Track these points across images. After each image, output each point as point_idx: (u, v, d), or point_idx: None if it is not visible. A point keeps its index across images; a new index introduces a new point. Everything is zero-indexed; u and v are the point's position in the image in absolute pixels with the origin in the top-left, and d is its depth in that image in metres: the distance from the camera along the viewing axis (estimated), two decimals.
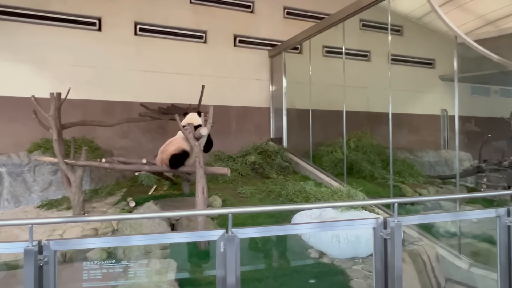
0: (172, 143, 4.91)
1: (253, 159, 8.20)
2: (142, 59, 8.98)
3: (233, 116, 9.95)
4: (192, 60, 9.46)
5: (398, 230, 2.66)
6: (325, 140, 9.37)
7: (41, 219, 3.33)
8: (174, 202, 6.03)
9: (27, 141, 7.11)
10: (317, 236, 4.63)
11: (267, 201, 6.26)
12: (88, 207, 5.91)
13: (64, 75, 8.17)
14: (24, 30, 7.96)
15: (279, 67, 10.02)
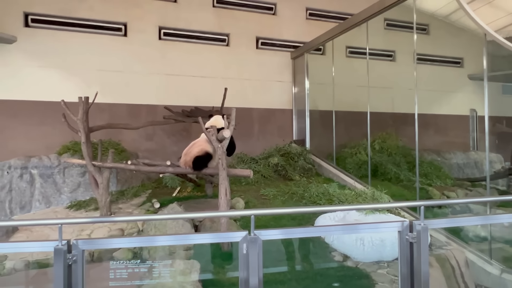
0: (195, 145, 4.97)
1: (276, 161, 8.20)
2: (166, 63, 9.14)
3: (256, 118, 9.98)
4: (215, 63, 9.56)
5: (424, 234, 2.60)
6: (349, 142, 9.27)
7: (70, 219, 3.44)
8: (198, 204, 6.10)
9: (57, 144, 7.36)
10: (341, 239, 4.57)
11: (290, 203, 6.25)
12: (115, 208, 6.06)
13: (91, 80, 8.43)
14: (54, 36, 8.26)
15: (301, 69, 9.99)
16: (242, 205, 5.98)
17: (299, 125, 10.20)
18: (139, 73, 8.88)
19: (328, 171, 8.31)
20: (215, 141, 4.48)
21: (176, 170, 5.08)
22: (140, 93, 8.86)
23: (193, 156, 4.84)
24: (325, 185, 6.79)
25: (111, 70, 8.64)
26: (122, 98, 8.71)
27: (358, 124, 8.34)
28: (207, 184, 6.59)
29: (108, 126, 6.67)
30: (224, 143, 4.46)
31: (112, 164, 5.56)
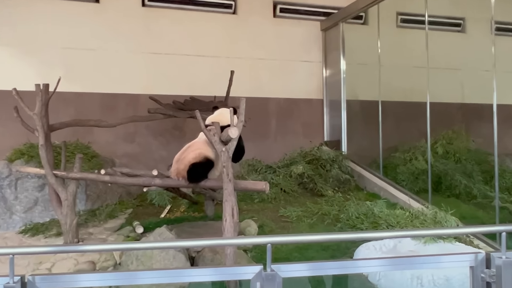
0: (191, 149, 4.98)
1: (301, 170, 8.16)
2: (152, 38, 9.22)
3: (273, 112, 9.98)
4: (218, 37, 9.60)
5: (508, 271, 2.56)
6: (401, 144, 9.18)
7: (25, 248, 3.48)
8: (194, 228, 6.08)
9: (7, 147, 7.42)
10: (391, 276, 4.52)
11: (320, 228, 6.21)
12: (84, 233, 6.11)
13: (52, 61, 8.54)
14: (1, 2, 8.41)
15: (335, 44, 9.94)
16: (255, 229, 5.96)
17: (332, 121, 10.15)
18: (117, 51, 8.98)
19: (373, 183, 8.24)
20: (218, 142, 4.48)
21: (166, 182, 5.10)
22: (117, 78, 8.95)
23: (188, 163, 4.84)
24: (369, 203, 6.72)
25: (79, 47, 8.75)
26: (94, 85, 8.81)
27: (414, 119, 8.22)
28: (207, 202, 6.58)
29: (75, 123, 6.73)
30: (230, 145, 4.46)
31: (80, 174, 5.61)
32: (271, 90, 9.89)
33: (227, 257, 4.28)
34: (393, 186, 7.89)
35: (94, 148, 7.87)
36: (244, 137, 4.94)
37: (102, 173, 5.40)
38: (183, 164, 4.87)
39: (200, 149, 4.92)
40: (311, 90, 10.22)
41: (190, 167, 4.82)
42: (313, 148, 8.96)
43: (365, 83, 9.42)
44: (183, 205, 7.24)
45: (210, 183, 4.92)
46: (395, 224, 5.83)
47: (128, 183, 5.34)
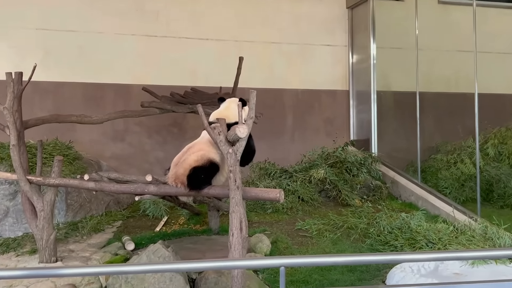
0: (192, 151, 4.94)
1: (322, 174, 8.10)
2: (146, 18, 9.21)
3: (290, 106, 9.93)
4: (224, 17, 9.58)
5: None
6: (443, 143, 9.14)
7: None
8: (196, 244, 6.05)
9: None
10: None
11: (345, 245, 6.17)
12: (63, 251, 6.09)
13: (27, 45, 8.55)
14: None
15: (364, 24, 9.89)
16: (267, 246, 5.91)
17: (359, 116, 10.10)
18: (103, 33, 8.97)
19: (409, 191, 8.17)
20: (224, 143, 4.44)
21: (162, 189, 5.06)
22: (104, 65, 8.95)
23: (188, 167, 4.80)
24: (404, 215, 6.66)
25: (58, 29, 8.75)
26: (76, 73, 8.81)
27: (459, 113, 8.16)
28: (211, 213, 6.55)
29: (54, 118, 6.72)
30: (238, 146, 4.41)
31: (59, 180, 5.59)
32: (287, 80, 9.84)
33: (234, 280, 4.24)
34: (433, 194, 7.80)
35: (76, 148, 7.86)
36: (255, 135, 4.89)
37: (86, 178, 5.37)
38: (182, 168, 4.82)
39: (203, 151, 4.88)
40: (334, 79, 10.16)
41: (191, 172, 4.78)
42: (337, 149, 8.88)
43: (399, 70, 9.35)
44: (182, 216, 7.22)
45: (214, 190, 4.88)
46: (436, 241, 5.73)
47: (117, 190, 5.30)
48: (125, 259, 5.69)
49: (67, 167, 7.03)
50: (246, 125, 4.35)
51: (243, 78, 7.61)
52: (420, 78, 8.69)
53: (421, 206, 7.65)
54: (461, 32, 7.80)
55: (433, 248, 5.63)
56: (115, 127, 8.82)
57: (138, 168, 8.66)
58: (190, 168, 4.78)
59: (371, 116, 9.72)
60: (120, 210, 7.75)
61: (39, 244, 5.65)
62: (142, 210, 7.47)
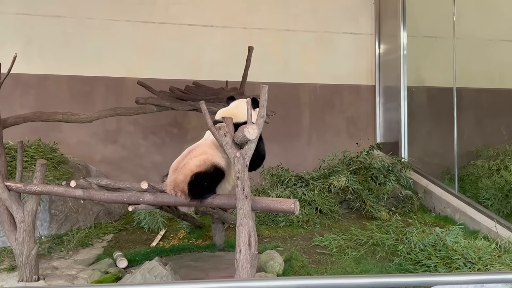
0: (193, 154, 4.95)
1: (344, 182, 8.08)
2: (142, 1, 9.23)
3: (306, 103, 9.94)
4: (231, 0, 9.61)
5: None
6: (484, 147, 9.08)
7: None
8: (198, 262, 6.04)
9: None
10: None
11: (370, 264, 6.13)
12: (46, 268, 6.09)
13: (6, 32, 8.60)
14: None
15: (392, 10, 9.90)
16: (280, 265, 5.88)
17: (387, 115, 10.09)
18: (93, 19, 9.01)
19: (444, 202, 8.13)
20: (230, 145, 4.44)
21: (159, 199, 5.07)
22: (94, 56, 8.99)
23: (189, 173, 4.81)
24: (439, 230, 6.62)
25: (41, 14, 8.80)
26: (62, 65, 8.85)
27: (503, 113, 8.10)
28: (215, 225, 6.55)
29: (36, 116, 6.75)
30: (246, 149, 4.41)
31: (42, 186, 5.61)
32: (304, 73, 9.85)
33: None
34: (473, 206, 7.74)
35: (61, 151, 7.90)
36: (266, 137, 4.89)
37: (73, 185, 5.39)
38: (182, 175, 4.82)
39: (206, 154, 4.88)
40: (358, 73, 10.17)
41: (192, 178, 4.77)
42: (361, 153, 8.85)
43: (434, 63, 9.32)
44: (182, 229, 7.22)
45: (219, 200, 4.88)
46: (475, 261, 5.69)
47: (108, 199, 5.31)
48: (117, 278, 5.67)
49: (51, 172, 7.05)
50: (256, 125, 4.34)
51: (253, 71, 7.62)
52: (458, 71, 8.64)
53: (459, 220, 7.60)
54: (507, 19, 7.76)
55: (472, 269, 5.58)
56: (106, 127, 8.85)
57: (132, 173, 8.68)
58: (191, 175, 4.77)
59: (400, 116, 9.71)
60: (111, 221, 7.75)
61: (18, 260, 5.67)
62: (137, 222, 7.47)
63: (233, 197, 4.51)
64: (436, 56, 9.19)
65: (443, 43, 8.86)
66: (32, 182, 5.63)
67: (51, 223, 7.09)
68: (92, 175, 7.87)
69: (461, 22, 8.68)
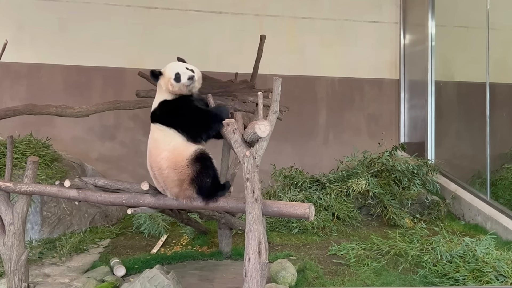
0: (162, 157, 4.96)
1: (363, 186, 8.07)
2: None
3: (322, 98, 9.94)
4: None
5: None
6: None
7: None
8: (202, 271, 6.05)
9: None
10: None
11: (392, 276, 6.11)
12: (37, 275, 6.11)
13: None
14: None
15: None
16: (293, 275, 5.87)
17: (412, 112, 10.09)
18: (90, 3, 9.04)
19: (475, 209, 8.11)
20: (239, 143, 4.45)
21: (161, 201, 5.08)
22: (91, 44, 9.02)
23: (180, 183, 4.83)
24: (468, 240, 6.60)
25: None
26: (56, 54, 8.89)
27: None
28: (222, 231, 6.55)
29: (28, 110, 6.77)
30: (257, 148, 4.42)
31: (33, 186, 5.62)
32: (321, 66, 9.86)
33: None
34: (506, 214, 7.71)
35: (55, 147, 7.93)
36: (278, 135, 4.90)
37: (67, 185, 5.41)
38: (174, 187, 4.85)
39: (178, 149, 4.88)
40: (381, 65, 10.17)
41: (195, 186, 4.80)
42: (383, 154, 8.87)
43: (465, 55, 9.31)
44: (185, 235, 7.23)
45: (226, 203, 4.87)
46: (509, 274, 5.68)
47: (105, 201, 5.33)
48: (114, 287, 5.70)
49: (44, 171, 7.08)
50: (268, 122, 4.35)
51: (265, 62, 7.61)
52: (491, 65, 8.60)
53: (490, 229, 7.58)
54: None
55: (504, 283, 5.57)
56: (103, 122, 8.89)
57: (131, 173, 8.71)
58: (187, 183, 4.79)
59: (427, 113, 9.71)
60: (108, 225, 7.78)
61: (7, 266, 5.68)
62: (136, 226, 7.51)
63: (242, 201, 4.52)
64: (468, 48, 9.17)
65: (475, 34, 8.84)
66: (23, 181, 5.65)
67: (43, 226, 7.12)
68: (88, 174, 7.90)
69: (496, 11, 8.64)
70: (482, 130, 8.55)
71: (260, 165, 4.34)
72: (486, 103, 8.54)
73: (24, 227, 5.76)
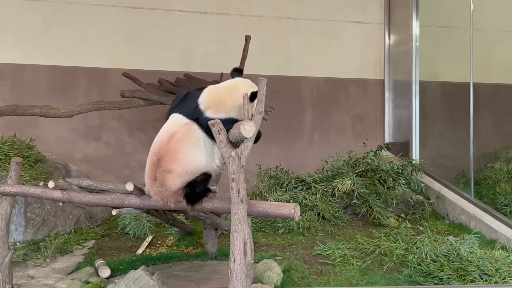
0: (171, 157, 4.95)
1: (348, 186, 8.08)
2: None
3: (308, 98, 9.95)
4: None
5: None
6: (503, 149, 9.10)
7: None
8: (188, 271, 6.05)
9: None
10: None
11: (377, 276, 6.13)
12: (21, 277, 6.08)
13: None
14: None
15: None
16: (278, 275, 5.87)
17: (396, 112, 10.12)
18: (75, 4, 9.00)
19: (459, 208, 8.15)
20: (225, 144, 4.45)
21: (146, 202, 5.07)
22: (75, 45, 8.98)
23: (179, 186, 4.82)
24: (452, 239, 6.63)
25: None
26: (40, 54, 8.85)
27: None
28: (207, 232, 6.55)
29: (11, 110, 6.74)
30: (242, 149, 4.42)
31: (16, 187, 5.60)
32: (306, 66, 9.88)
33: None
34: (490, 213, 7.75)
35: (39, 148, 7.88)
36: (264, 135, 4.89)
37: (51, 186, 5.39)
38: (168, 190, 4.84)
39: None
40: (366, 65, 10.19)
41: (187, 190, 4.79)
42: (368, 154, 8.86)
43: (449, 56, 9.35)
44: (171, 236, 7.22)
45: (212, 204, 4.87)
46: (492, 273, 5.68)
47: (90, 202, 5.31)
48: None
49: (28, 172, 7.05)
50: (253, 122, 4.35)
51: (250, 62, 7.62)
52: (475, 65, 8.64)
53: (474, 228, 7.63)
54: None
55: (488, 282, 5.58)
56: (88, 122, 8.85)
57: (116, 174, 8.68)
58: (183, 187, 4.79)
59: (411, 113, 9.74)
60: (93, 226, 7.75)
61: None
62: (121, 227, 7.48)
63: (227, 201, 4.52)
64: (452, 48, 9.20)
65: (459, 34, 8.87)
66: (6, 182, 5.62)
67: (27, 227, 7.08)
68: (72, 175, 7.86)
69: (480, 11, 8.68)
70: (466, 130, 8.59)
71: (246, 165, 4.33)
72: (470, 103, 8.58)
73: (7, 229, 5.72)
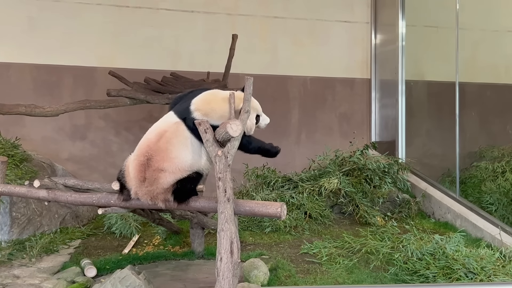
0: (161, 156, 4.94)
1: (335, 184, 8.09)
2: None
3: (295, 98, 9.96)
4: None
5: None
6: (488, 148, 9.11)
7: None
8: (174, 270, 6.03)
9: None
10: None
11: (363, 274, 6.13)
12: (6, 276, 6.04)
13: None
14: None
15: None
16: (265, 274, 5.86)
17: (383, 111, 10.14)
18: (61, 2, 8.95)
19: (445, 207, 8.18)
20: (211, 143, 4.44)
21: (132, 201, 5.06)
22: (61, 43, 8.95)
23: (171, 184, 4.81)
24: (438, 238, 6.65)
25: None
26: (25, 53, 8.81)
27: (510, 111, 8.11)
28: (194, 231, 6.54)
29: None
30: (229, 148, 4.42)
31: (2, 186, 5.58)
32: (293, 65, 9.88)
33: None
34: (475, 212, 7.78)
35: (24, 147, 7.85)
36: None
37: (36, 185, 5.37)
38: (160, 186, 4.82)
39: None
40: (352, 65, 10.21)
41: (177, 186, 4.78)
42: (355, 153, 8.88)
43: (435, 55, 9.36)
44: (157, 235, 7.20)
45: (198, 203, 4.87)
46: (478, 271, 5.66)
47: (75, 201, 5.29)
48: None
49: (13, 171, 7.02)
50: (239, 121, 4.35)
51: (237, 61, 7.63)
52: (460, 65, 8.66)
53: (460, 227, 7.65)
54: None
55: (474, 280, 5.55)
56: (74, 122, 8.82)
57: (102, 173, 8.65)
58: (174, 183, 4.78)
59: (398, 112, 9.76)
60: (79, 226, 7.72)
61: None
62: (107, 226, 7.45)
63: (214, 200, 4.51)
64: (438, 48, 9.22)
65: (445, 34, 8.89)
66: None
67: (12, 227, 7.05)
68: (58, 174, 7.82)
69: (465, 11, 8.70)
70: (452, 129, 8.62)
71: (233, 164, 4.33)
72: (455, 102, 8.61)
73: None
